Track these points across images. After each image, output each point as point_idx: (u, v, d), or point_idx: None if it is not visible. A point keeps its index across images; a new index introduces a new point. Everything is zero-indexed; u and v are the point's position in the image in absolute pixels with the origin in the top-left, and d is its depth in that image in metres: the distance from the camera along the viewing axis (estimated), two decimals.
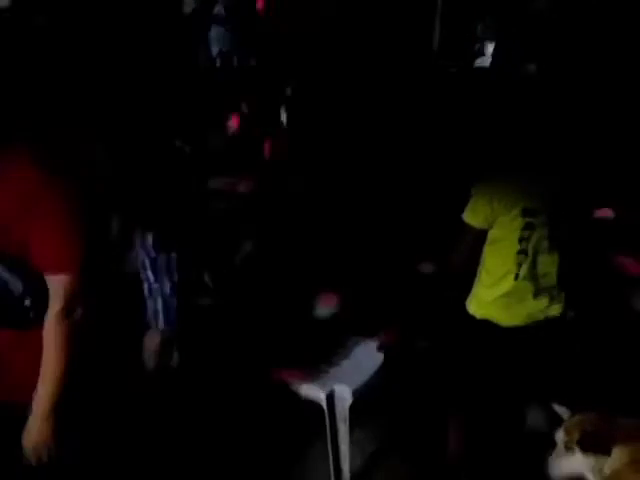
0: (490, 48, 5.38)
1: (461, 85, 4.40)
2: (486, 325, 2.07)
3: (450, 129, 3.67)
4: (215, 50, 4.01)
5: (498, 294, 2.05)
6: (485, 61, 5.30)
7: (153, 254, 2.32)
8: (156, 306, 2.35)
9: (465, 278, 2.15)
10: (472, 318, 2.11)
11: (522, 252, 2.02)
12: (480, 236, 2.04)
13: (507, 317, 2.06)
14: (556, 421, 1.73)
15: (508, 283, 2.04)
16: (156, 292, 2.34)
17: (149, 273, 2.34)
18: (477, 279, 2.12)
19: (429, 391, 2.43)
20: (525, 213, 1.99)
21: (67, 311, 1.39)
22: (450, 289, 2.26)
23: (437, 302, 2.45)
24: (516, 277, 2.03)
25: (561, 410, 1.71)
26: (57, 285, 1.38)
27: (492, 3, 5.34)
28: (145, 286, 2.36)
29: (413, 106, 4.18)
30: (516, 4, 4.78)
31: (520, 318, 2.06)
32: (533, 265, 2.04)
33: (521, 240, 2.01)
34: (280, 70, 4.01)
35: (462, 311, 2.14)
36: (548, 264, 2.06)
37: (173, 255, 2.33)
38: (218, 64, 3.99)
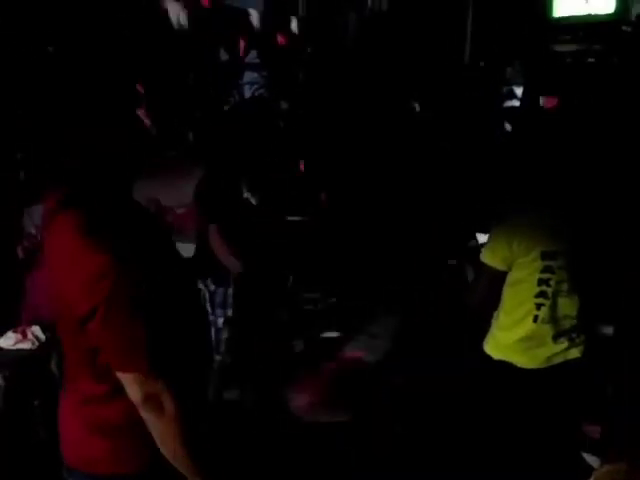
0: (519, 91, 5.44)
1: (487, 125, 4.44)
2: (503, 366, 2.05)
3: (472, 170, 3.69)
4: (248, 94, 4.14)
5: (516, 337, 2.03)
6: (514, 104, 5.35)
7: (212, 288, 2.43)
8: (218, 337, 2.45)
9: (482, 319, 2.13)
10: (488, 358, 2.09)
11: (541, 295, 2.01)
12: (498, 277, 2.03)
13: (525, 360, 2.04)
14: (585, 470, 1.69)
15: (527, 326, 2.02)
16: (210, 324, 2.42)
17: (207, 305, 2.44)
18: (495, 320, 2.11)
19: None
20: (544, 256, 1.98)
21: (148, 407, 1.24)
22: (467, 330, 2.24)
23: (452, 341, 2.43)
24: (535, 319, 2.01)
25: (591, 459, 1.67)
26: (126, 383, 1.24)
27: (520, 49, 5.41)
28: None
29: (439, 147, 4.22)
30: (543, 50, 4.85)
31: (538, 361, 2.03)
32: (553, 308, 2.02)
33: (540, 282, 1.99)
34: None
35: (479, 351, 2.12)
36: (568, 307, 2.04)
37: (230, 291, 2.42)
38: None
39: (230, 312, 2.44)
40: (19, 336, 2.49)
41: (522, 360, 2.03)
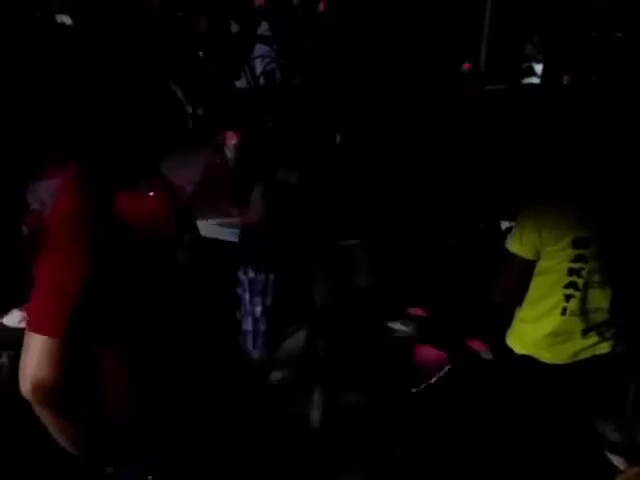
0: (538, 68, 5.30)
1: (509, 105, 4.30)
2: (527, 361, 1.94)
3: (497, 151, 3.57)
4: (259, 69, 4.02)
5: (543, 332, 1.92)
6: (534, 81, 5.22)
7: (252, 275, 2.31)
8: (246, 327, 2.34)
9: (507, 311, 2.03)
10: (511, 352, 1.99)
11: (571, 285, 1.89)
12: (527, 267, 1.92)
13: (551, 355, 1.93)
14: (609, 471, 1.61)
15: (555, 319, 1.91)
16: (248, 313, 2.33)
17: (246, 294, 2.33)
18: (519, 312, 2.00)
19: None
20: (576, 244, 1.86)
21: (38, 381, 1.13)
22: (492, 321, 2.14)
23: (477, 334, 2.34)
24: (564, 312, 1.90)
25: (617, 460, 1.59)
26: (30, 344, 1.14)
27: (540, 24, 5.26)
28: (242, 307, 2.36)
29: (459, 126, 4.09)
30: (564, 25, 4.68)
31: (565, 356, 1.92)
32: (583, 300, 1.89)
33: (571, 272, 1.87)
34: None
35: (501, 345, 2.02)
36: (600, 299, 1.91)
37: (271, 277, 2.31)
38: (262, 82, 4.01)
39: (269, 301, 2.30)
40: (24, 314, 2.44)
41: (547, 355, 1.93)
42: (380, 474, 2.20)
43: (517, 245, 1.90)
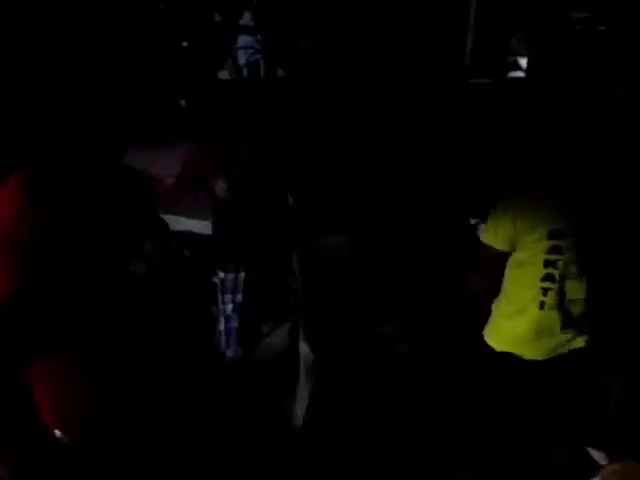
0: (523, 62, 5.30)
1: (494, 99, 4.29)
2: (507, 358, 1.93)
3: (475, 142, 3.54)
4: (242, 60, 3.98)
5: (522, 328, 1.90)
6: (518, 75, 5.21)
7: (222, 275, 2.32)
8: (219, 327, 2.33)
9: (483, 306, 2.00)
10: (490, 349, 1.97)
11: (548, 278, 1.87)
12: (502, 259, 1.90)
13: (530, 352, 1.91)
14: (590, 467, 1.60)
15: (533, 314, 1.88)
16: (220, 313, 2.33)
17: (219, 295, 2.33)
18: (496, 308, 1.98)
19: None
20: (551, 235, 1.84)
21: None
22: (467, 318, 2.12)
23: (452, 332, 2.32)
24: (541, 306, 1.87)
25: (598, 455, 1.58)
26: None
27: (524, 17, 5.26)
28: (215, 308, 2.36)
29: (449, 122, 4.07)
30: (548, 18, 4.69)
31: (544, 352, 1.91)
32: (560, 292, 1.88)
33: (547, 264, 1.85)
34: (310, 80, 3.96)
35: (479, 342, 2.00)
36: (576, 290, 1.90)
37: (241, 275, 2.31)
38: (245, 74, 3.96)
39: (240, 297, 2.31)
40: None
41: (527, 352, 1.92)
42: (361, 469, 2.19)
43: (492, 236, 1.89)
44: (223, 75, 3.95)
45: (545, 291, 1.85)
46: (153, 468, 1.33)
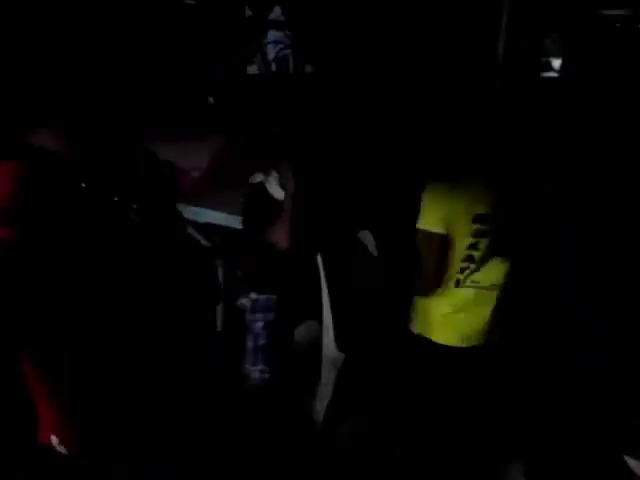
0: (556, 63, 5.21)
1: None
2: (427, 343, 1.99)
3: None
4: (272, 55, 3.96)
5: (439, 308, 1.97)
6: (551, 75, 5.13)
7: (254, 296, 2.26)
8: (247, 345, 2.27)
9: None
10: (418, 338, 2.03)
11: (468, 259, 1.94)
12: (442, 242, 1.92)
13: (445, 336, 1.97)
14: (627, 475, 1.53)
15: (449, 292, 1.95)
16: (249, 331, 2.27)
17: (248, 315, 2.28)
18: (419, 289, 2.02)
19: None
20: (476, 219, 1.91)
21: None
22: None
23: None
24: (457, 284, 1.95)
25: (634, 463, 1.51)
26: None
27: (559, 19, 5.16)
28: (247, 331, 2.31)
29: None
30: (582, 20, 4.59)
31: (459, 338, 1.97)
32: (477, 273, 1.95)
33: (470, 247, 1.93)
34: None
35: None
36: (494, 275, 1.97)
37: (273, 297, 2.25)
38: (274, 69, 3.94)
39: (271, 316, 2.23)
40: None
41: (443, 336, 1.97)
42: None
43: (426, 221, 1.92)
44: (252, 70, 3.94)
45: (462, 270, 1.93)
46: (153, 468, 1.30)
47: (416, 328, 2.05)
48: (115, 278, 1.29)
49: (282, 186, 2.24)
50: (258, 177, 2.41)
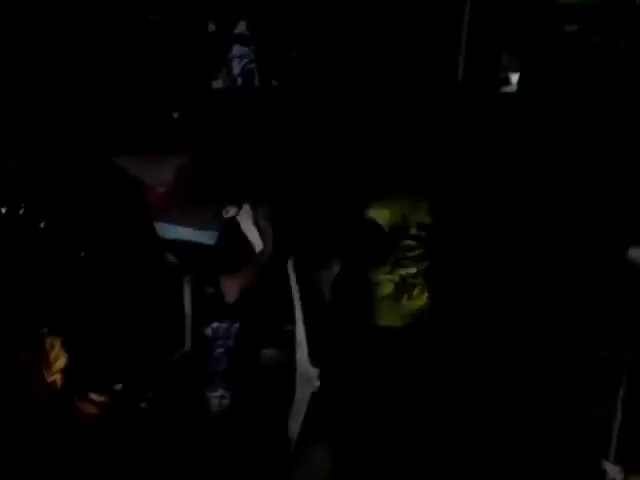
0: (514, 78, 5.33)
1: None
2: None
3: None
4: (237, 70, 3.94)
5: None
6: (509, 90, 5.23)
7: (215, 325, 2.32)
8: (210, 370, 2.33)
9: None
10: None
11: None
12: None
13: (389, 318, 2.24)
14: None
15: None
16: (211, 358, 2.32)
17: (212, 343, 2.33)
18: None
19: None
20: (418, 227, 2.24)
21: None
22: None
23: None
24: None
25: (613, 470, 1.52)
26: None
27: (516, 34, 5.29)
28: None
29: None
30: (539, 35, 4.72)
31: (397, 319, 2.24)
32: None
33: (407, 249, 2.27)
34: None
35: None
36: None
37: (235, 325, 2.31)
38: (240, 83, 3.93)
39: (231, 342, 2.30)
40: None
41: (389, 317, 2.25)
42: None
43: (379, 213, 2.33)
44: (217, 84, 3.91)
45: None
46: (153, 468, 1.28)
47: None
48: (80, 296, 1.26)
49: (255, 223, 2.34)
50: (231, 211, 2.47)
